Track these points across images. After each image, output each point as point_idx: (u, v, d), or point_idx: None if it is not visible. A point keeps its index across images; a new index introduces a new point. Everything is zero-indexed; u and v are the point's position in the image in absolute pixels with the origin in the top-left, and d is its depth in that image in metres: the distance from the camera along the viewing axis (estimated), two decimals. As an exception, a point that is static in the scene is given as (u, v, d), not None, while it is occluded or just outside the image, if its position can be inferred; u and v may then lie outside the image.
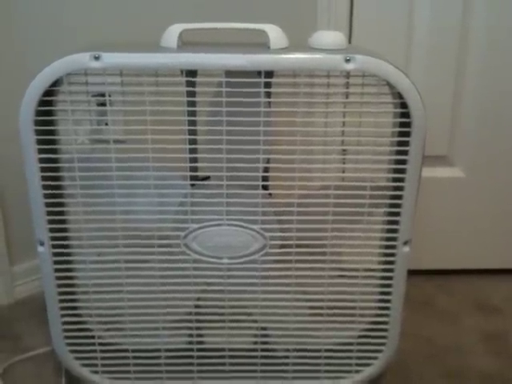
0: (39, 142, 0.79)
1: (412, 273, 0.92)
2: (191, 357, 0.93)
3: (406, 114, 0.79)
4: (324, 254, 0.87)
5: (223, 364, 0.94)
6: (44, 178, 0.81)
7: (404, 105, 0.78)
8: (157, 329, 0.92)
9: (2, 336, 1.11)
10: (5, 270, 1.19)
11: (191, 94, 0.80)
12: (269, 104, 0.80)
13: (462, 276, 1.32)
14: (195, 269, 0.88)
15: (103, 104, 0.80)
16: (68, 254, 0.87)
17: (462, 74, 1.20)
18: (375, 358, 0.94)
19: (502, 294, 1.28)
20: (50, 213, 0.83)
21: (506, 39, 1.17)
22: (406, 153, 0.81)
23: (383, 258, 0.88)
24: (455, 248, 1.32)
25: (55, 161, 0.81)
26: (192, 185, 0.85)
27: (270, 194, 0.87)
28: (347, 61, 0.76)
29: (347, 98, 0.81)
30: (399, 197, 0.83)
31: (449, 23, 1.16)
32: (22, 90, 0.77)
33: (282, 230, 0.86)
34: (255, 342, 0.93)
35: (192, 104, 0.81)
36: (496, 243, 1.32)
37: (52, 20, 1.11)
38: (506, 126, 1.23)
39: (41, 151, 0.80)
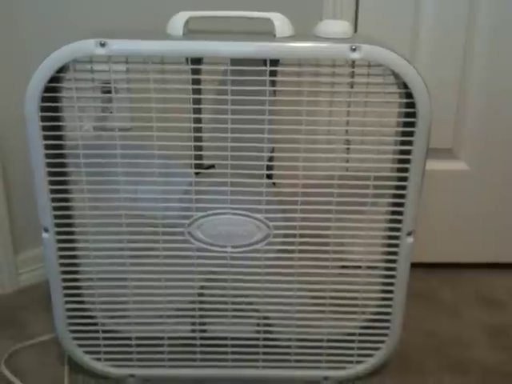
0: (44, 128, 0.79)
1: (415, 266, 0.92)
2: (194, 345, 0.94)
3: (411, 104, 0.79)
4: (327, 244, 0.87)
5: (225, 353, 0.94)
6: (49, 165, 0.81)
7: (409, 95, 0.78)
8: (160, 317, 0.92)
9: (7, 323, 1.11)
10: (9, 258, 1.19)
11: (196, 81, 0.80)
12: (274, 93, 0.80)
13: (465, 269, 1.32)
14: (199, 257, 0.88)
15: (108, 91, 0.80)
16: (72, 241, 0.88)
17: (469, 66, 1.19)
18: (377, 349, 0.94)
19: (505, 288, 1.28)
20: (54, 199, 0.84)
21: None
22: (410, 143, 0.81)
23: (387, 249, 0.88)
24: (459, 241, 1.31)
25: (60, 147, 0.82)
26: (197, 173, 0.85)
27: (274, 184, 0.87)
28: (353, 50, 0.76)
29: (352, 87, 0.81)
30: (403, 187, 0.83)
31: (456, 13, 1.16)
32: (27, 76, 0.77)
33: (285, 220, 0.86)
34: (257, 332, 0.93)
35: (197, 92, 0.81)
36: (500, 237, 1.31)
37: (56, 7, 1.11)
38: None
39: (46, 138, 0.80)
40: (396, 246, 0.87)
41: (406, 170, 0.82)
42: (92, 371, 0.96)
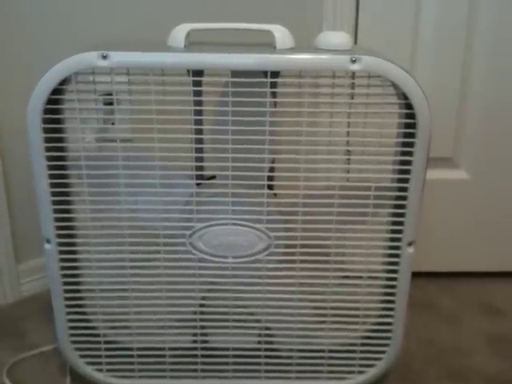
0: (47, 140, 0.80)
1: (416, 275, 0.92)
2: (195, 356, 0.93)
3: (411, 115, 0.79)
4: (328, 254, 0.87)
5: (227, 364, 0.94)
6: (51, 176, 0.82)
7: (409, 105, 0.79)
8: (161, 328, 0.92)
9: (8, 333, 1.11)
10: (11, 268, 1.19)
11: (197, 93, 0.81)
12: (274, 104, 0.81)
13: (465, 278, 1.32)
14: (200, 268, 0.88)
15: (110, 103, 0.80)
16: (74, 252, 0.88)
17: (468, 75, 1.20)
18: (378, 359, 0.94)
19: (505, 297, 1.27)
20: (56, 211, 0.84)
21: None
22: (410, 154, 0.81)
23: (387, 259, 0.88)
24: (459, 250, 1.32)
25: (62, 159, 0.82)
26: (198, 184, 0.85)
27: (274, 194, 0.87)
28: (353, 61, 0.76)
29: (352, 98, 0.81)
30: (404, 198, 0.83)
31: (455, 24, 1.17)
32: (30, 88, 0.77)
33: (286, 230, 0.86)
34: (259, 342, 0.93)
35: (198, 103, 0.81)
36: (500, 246, 1.31)
37: (59, 19, 1.12)
38: (512, 128, 1.23)
39: (48, 149, 0.80)
40: (397, 256, 0.87)
41: (406, 180, 0.83)
42: (94, 382, 0.95)
